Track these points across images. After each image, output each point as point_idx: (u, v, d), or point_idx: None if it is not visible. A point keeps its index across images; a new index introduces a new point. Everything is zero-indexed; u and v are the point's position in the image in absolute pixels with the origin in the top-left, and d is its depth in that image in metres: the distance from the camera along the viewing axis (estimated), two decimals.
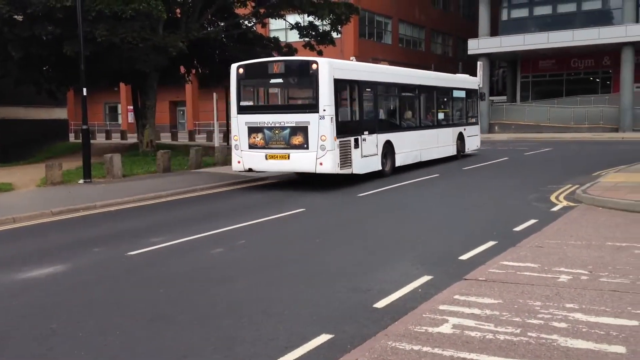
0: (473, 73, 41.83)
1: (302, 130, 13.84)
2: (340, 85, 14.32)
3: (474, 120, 23.33)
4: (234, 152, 14.87)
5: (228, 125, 33.25)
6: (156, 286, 6.78)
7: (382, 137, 16.08)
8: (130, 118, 47.87)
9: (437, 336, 4.90)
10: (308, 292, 6.34)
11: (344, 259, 7.74)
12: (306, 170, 14.33)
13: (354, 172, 14.69)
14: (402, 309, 5.63)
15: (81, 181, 16.16)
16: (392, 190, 14.19)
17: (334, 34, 27.03)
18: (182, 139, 39.87)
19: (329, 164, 13.74)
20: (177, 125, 53.12)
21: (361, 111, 15.43)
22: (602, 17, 37.44)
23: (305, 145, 13.81)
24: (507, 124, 39.47)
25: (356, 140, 14.76)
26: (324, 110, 13.69)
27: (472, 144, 22.74)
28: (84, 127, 16.21)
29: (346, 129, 14.42)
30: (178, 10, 24.55)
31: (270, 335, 5.15)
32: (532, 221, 9.67)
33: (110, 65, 21.66)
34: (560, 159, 20.71)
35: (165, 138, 39.35)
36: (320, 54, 27.38)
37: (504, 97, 45.23)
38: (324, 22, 25.99)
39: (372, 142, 15.63)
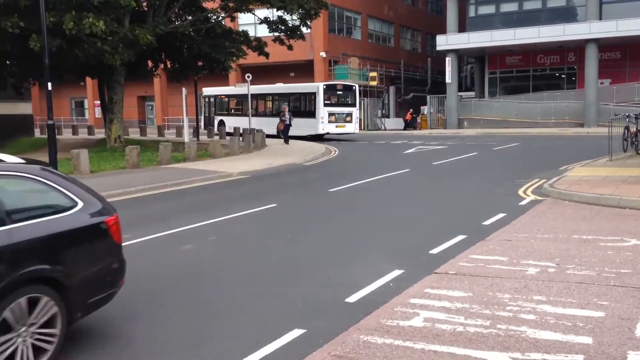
0: (442, 68, 42.45)
1: (350, 114, 31.43)
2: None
3: None
4: (320, 124, 30.62)
5: (198, 120, 33.21)
6: (123, 285, 6.64)
7: None
8: (98, 113, 47.02)
9: (409, 329, 4.92)
10: (279, 288, 6.30)
11: (315, 254, 7.73)
12: (349, 132, 31.73)
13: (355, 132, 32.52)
14: (374, 303, 5.65)
15: None
16: (362, 185, 14.25)
17: (304, 29, 26.93)
18: (151, 134, 39.30)
19: (357, 129, 32.50)
20: (146, 120, 52.36)
21: None
22: (567, 14, 38.14)
23: (350, 121, 31.39)
24: (475, 120, 39.97)
25: None
26: (357, 106, 32.39)
27: None
28: (50, 122, 15.80)
29: None
30: (144, 4, 24.16)
31: (241, 331, 5.11)
32: (501, 215, 9.80)
33: (77, 59, 21.21)
34: (527, 154, 21.06)
35: (134, 133, 38.74)
36: (290, 48, 27.30)
37: (473, 93, 45.77)
38: (293, 17, 25.88)
39: None
